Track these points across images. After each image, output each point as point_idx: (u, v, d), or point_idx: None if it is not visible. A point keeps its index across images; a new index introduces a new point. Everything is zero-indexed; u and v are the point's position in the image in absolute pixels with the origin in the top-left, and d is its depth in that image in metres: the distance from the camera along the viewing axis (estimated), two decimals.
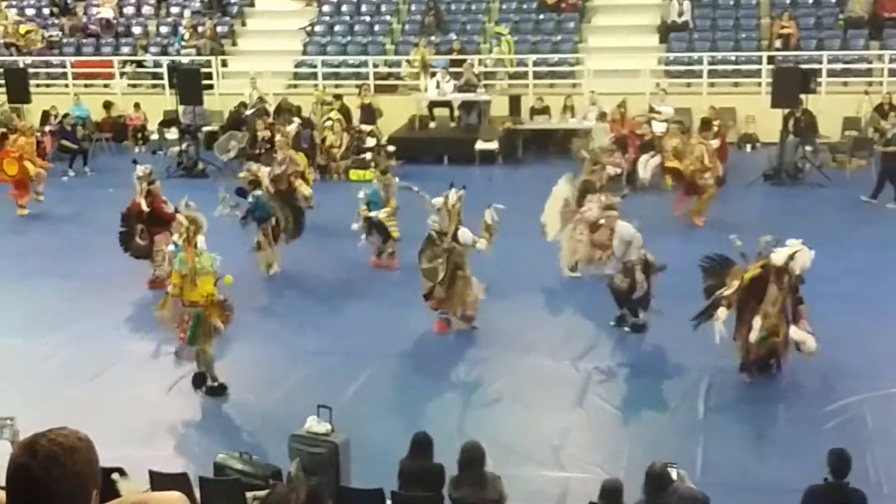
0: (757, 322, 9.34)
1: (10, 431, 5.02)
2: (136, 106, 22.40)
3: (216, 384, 9.75)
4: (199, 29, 24.05)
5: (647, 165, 17.41)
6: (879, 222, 15.07)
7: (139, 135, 22.22)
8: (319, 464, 7.42)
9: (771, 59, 20.73)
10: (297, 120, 19.32)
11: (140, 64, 24.11)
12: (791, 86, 17.70)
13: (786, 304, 9.40)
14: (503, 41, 22.10)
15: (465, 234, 10.87)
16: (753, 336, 9.36)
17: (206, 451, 7.77)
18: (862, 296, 11.86)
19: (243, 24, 25.30)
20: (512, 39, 22.35)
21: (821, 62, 20.42)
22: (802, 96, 18.09)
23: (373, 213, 13.10)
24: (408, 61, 22.05)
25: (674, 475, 6.42)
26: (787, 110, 17.79)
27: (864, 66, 21.08)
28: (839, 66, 20.92)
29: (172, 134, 21.03)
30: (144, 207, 12.76)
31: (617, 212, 11.26)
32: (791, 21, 21.58)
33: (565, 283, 11.24)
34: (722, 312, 9.51)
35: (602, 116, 19.05)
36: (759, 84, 20.57)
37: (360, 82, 21.84)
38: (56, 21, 25.51)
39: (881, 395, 9.26)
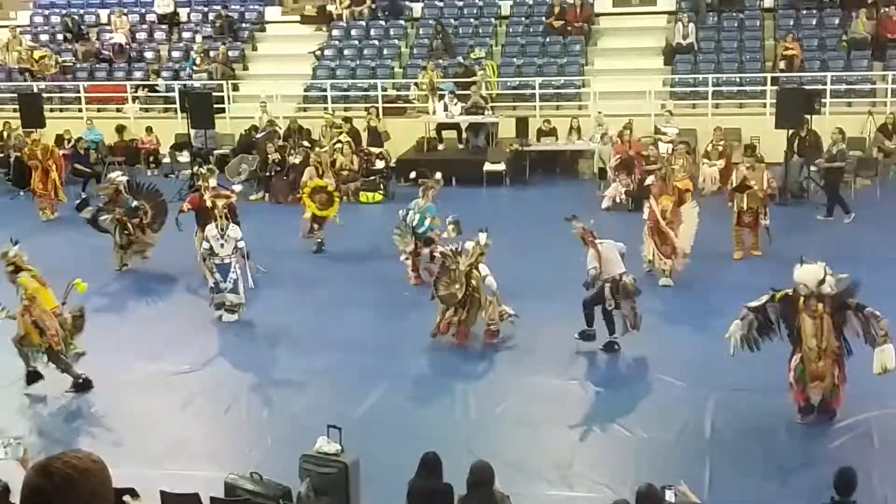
0: (795, 359, 9.09)
1: (16, 450, 5.08)
2: (149, 130, 22.59)
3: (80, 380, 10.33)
4: (211, 53, 24.29)
5: None
6: (886, 240, 15.13)
7: (151, 158, 22.40)
8: (329, 484, 7.48)
9: (775, 81, 20.86)
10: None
11: (152, 88, 24.34)
12: (795, 106, 17.83)
13: (831, 340, 8.95)
14: (486, 65, 22.21)
15: (484, 268, 11.28)
16: (790, 375, 9.12)
17: (217, 472, 7.85)
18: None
19: (254, 48, 25.54)
20: (495, 63, 22.51)
21: (824, 83, 20.56)
22: (806, 117, 18.22)
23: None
24: (416, 84, 22.25)
25: (669, 496, 6.44)
26: (791, 131, 17.89)
27: (867, 86, 21.22)
28: (843, 86, 21.07)
29: (184, 157, 21.22)
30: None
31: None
32: (795, 42, 21.73)
33: (572, 302, 11.33)
34: (735, 326, 9.39)
35: (603, 138, 19.18)
36: (764, 105, 20.68)
37: (368, 105, 22.03)
38: (69, 46, 25.75)
39: (888, 413, 9.28)
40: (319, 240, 15.11)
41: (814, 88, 19.57)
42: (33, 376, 10.41)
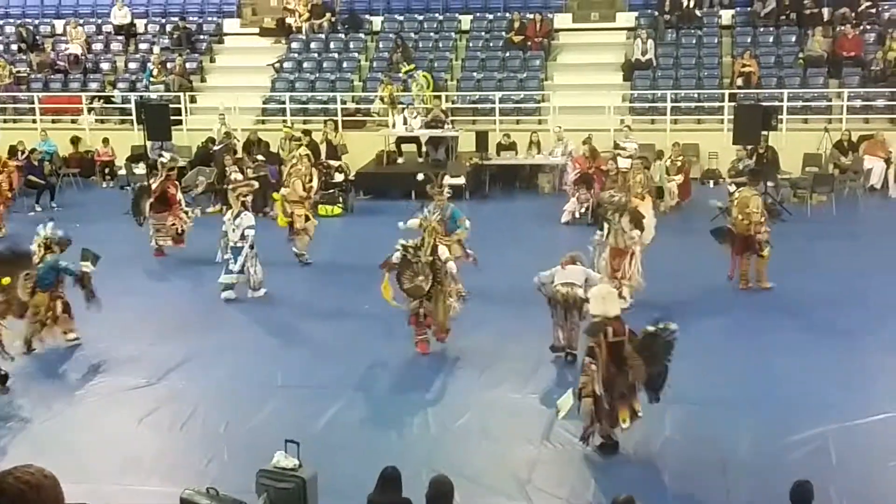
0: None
1: None
2: (105, 141, 22.40)
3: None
4: (168, 65, 24.13)
5: None
6: (844, 254, 15.33)
7: (107, 170, 22.18)
8: (287, 499, 7.39)
9: (732, 97, 21.12)
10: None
11: (108, 100, 24.13)
12: (752, 123, 18.04)
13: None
14: (419, 76, 22.21)
15: (444, 251, 11.36)
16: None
17: (173, 487, 7.73)
18: (829, 327, 12.06)
19: (212, 60, 25.41)
20: (429, 75, 22.53)
21: (781, 100, 20.83)
22: (763, 133, 18.42)
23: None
24: (381, 98, 22.18)
25: None
26: (749, 146, 18.07)
27: (823, 103, 21.52)
28: (799, 103, 21.36)
29: (140, 169, 21.01)
30: (153, 189, 15.55)
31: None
32: (752, 59, 22.03)
33: (530, 316, 11.33)
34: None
35: (569, 155, 19.23)
36: (722, 121, 20.92)
37: (327, 118, 21.96)
38: (24, 57, 25.50)
39: (846, 426, 9.33)
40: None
41: (771, 105, 19.83)
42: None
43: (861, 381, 10.53)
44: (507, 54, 23.69)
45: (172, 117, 20.60)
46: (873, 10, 23.47)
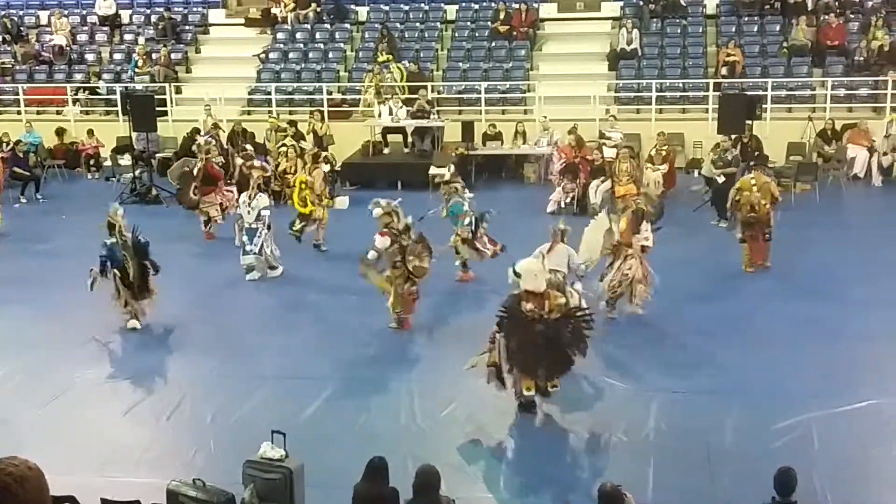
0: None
1: None
2: (90, 133, 22.29)
3: None
4: (153, 56, 24.03)
5: (598, 190, 17.70)
6: (827, 243, 15.40)
7: (92, 162, 22.09)
8: (273, 490, 7.41)
9: (717, 86, 21.15)
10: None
11: (93, 91, 24.02)
12: (737, 112, 18.07)
13: None
14: (393, 68, 22.12)
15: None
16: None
17: (159, 478, 7.75)
18: (812, 315, 12.13)
19: (197, 50, 25.31)
20: (402, 66, 22.48)
21: (766, 89, 20.89)
22: (748, 122, 18.47)
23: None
24: (367, 89, 22.11)
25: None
26: (734, 135, 18.12)
27: (807, 92, 21.59)
28: (783, 92, 21.43)
29: (126, 160, 20.97)
30: (195, 174, 16.31)
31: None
32: (736, 49, 22.07)
33: None
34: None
35: (554, 144, 19.22)
36: (707, 110, 20.95)
37: (313, 108, 21.92)
38: (8, 48, 25.33)
39: (828, 413, 9.42)
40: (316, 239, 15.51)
41: (755, 94, 19.89)
42: None
43: (843, 369, 10.62)
44: (493, 44, 23.67)
45: (158, 108, 20.50)
46: (857, 0, 23.54)
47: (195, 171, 16.51)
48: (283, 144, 19.25)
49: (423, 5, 25.14)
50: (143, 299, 12.14)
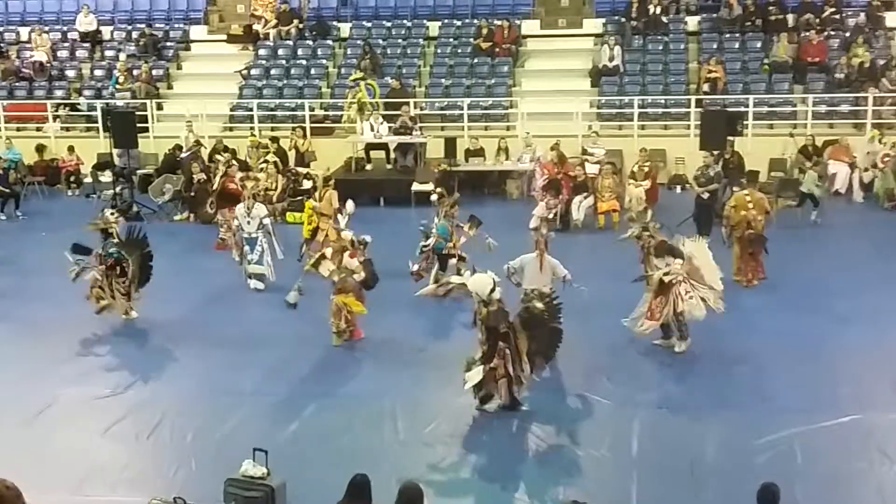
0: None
1: None
2: (70, 149, 22.21)
3: None
4: (135, 72, 23.98)
5: (580, 206, 17.75)
6: (809, 259, 15.46)
7: (72, 178, 21.99)
8: None
9: (699, 103, 21.26)
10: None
11: (74, 107, 23.95)
12: (718, 128, 18.16)
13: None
14: (361, 86, 22.05)
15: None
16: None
17: (140, 497, 7.68)
18: (794, 331, 12.16)
19: (179, 67, 25.28)
20: (374, 82, 22.47)
21: (747, 105, 21.01)
22: (730, 138, 18.55)
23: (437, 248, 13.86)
24: (350, 104, 22.06)
25: None
26: (716, 152, 18.18)
27: (788, 109, 21.73)
28: (765, 109, 21.55)
29: (106, 177, 20.90)
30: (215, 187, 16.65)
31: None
32: (718, 65, 22.20)
33: None
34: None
35: (537, 160, 19.23)
36: (688, 126, 21.07)
37: (295, 125, 21.90)
38: None
39: (811, 429, 9.44)
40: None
41: (736, 111, 20.00)
42: None
43: (826, 384, 10.63)
44: (476, 61, 23.74)
45: (139, 124, 20.46)
46: (837, 17, 23.70)
47: (213, 187, 16.85)
48: (265, 161, 19.25)
49: (405, 22, 25.22)
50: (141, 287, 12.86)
